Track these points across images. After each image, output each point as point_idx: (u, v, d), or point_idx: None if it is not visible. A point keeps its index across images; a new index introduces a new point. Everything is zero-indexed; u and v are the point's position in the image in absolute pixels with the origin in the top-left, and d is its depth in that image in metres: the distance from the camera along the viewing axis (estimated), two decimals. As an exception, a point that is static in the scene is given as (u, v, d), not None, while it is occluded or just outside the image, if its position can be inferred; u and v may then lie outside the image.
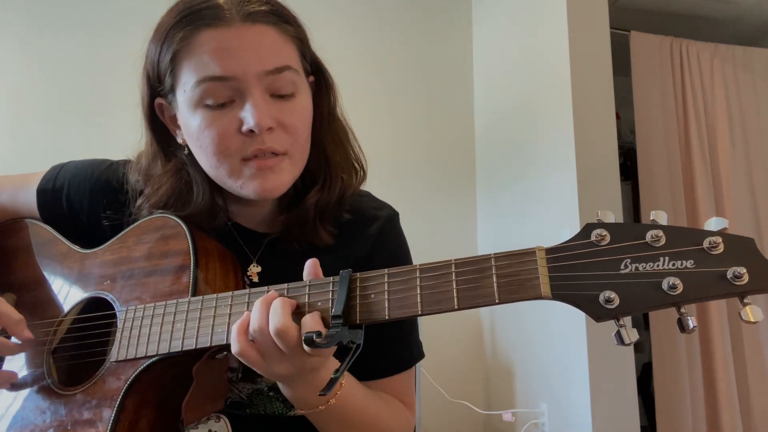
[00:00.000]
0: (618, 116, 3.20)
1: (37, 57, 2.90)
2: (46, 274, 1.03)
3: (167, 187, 0.93)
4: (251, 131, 0.83)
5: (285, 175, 0.88)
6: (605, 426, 2.24)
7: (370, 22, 3.27)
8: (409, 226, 1.09)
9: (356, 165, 1.02)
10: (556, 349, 2.47)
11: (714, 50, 3.10)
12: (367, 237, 1.01)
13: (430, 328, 2.72)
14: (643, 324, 3.48)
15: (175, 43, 0.85)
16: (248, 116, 0.83)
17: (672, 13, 3.53)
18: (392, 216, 1.06)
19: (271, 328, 0.71)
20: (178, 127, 0.92)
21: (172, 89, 0.88)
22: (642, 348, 3.52)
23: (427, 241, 2.98)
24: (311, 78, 0.96)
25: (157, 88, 0.91)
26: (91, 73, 2.93)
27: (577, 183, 2.36)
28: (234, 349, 0.73)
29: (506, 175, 2.95)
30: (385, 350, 1.00)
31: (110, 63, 2.93)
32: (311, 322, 0.71)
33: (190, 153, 0.92)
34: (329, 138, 0.99)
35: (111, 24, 2.98)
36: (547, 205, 2.57)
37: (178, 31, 0.84)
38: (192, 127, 0.86)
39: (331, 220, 0.99)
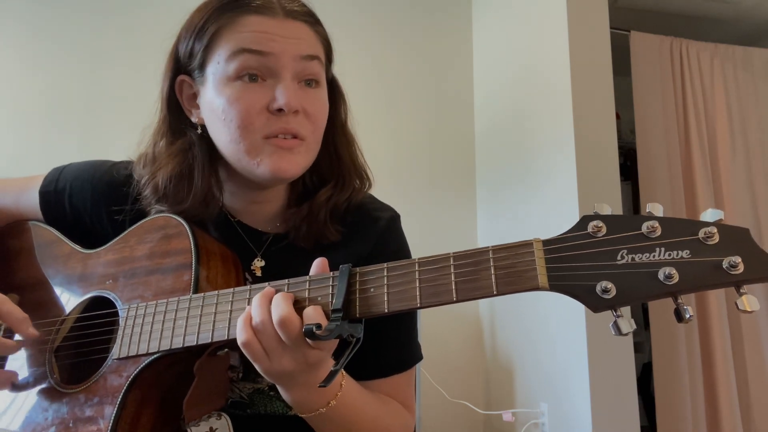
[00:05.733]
0: (618, 116, 3.20)
1: (37, 57, 2.90)
2: (48, 274, 1.04)
3: (170, 168, 0.94)
4: (279, 110, 0.87)
5: (301, 159, 0.92)
6: (605, 426, 2.24)
7: (371, 23, 3.27)
8: (409, 226, 1.10)
9: (363, 173, 1.06)
10: (556, 349, 2.47)
11: (714, 50, 3.11)
12: (369, 238, 1.03)
13: (431, 328, 2.73)
14: (643, 324, 3.48)
15: (221, 20, 0.90)
16: (280, 96, 0.87)
17: (672, 13, 3.53)
18: (394, 217, 1.08)
19: (275, 318, 0.72)
20: (196, 106, 0.96)
21: (202, 65, 0.92)
22: (642, 348, 3.53)
23: (428, 241, 2.98)
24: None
25: (185, 65, 0.95)
26: (91, 74, 2.93)
27: (577, 183, 2.36)
28: (240, 338, 0.74)
29: (506, 175, 2.95)
30: (384, 350, 1.00)
31: (111, 63, 2.93)
32: (313, 314, 0.72)
33: (203, 132, 0.95)
34: (341, 143, 1.03)
35: (112, 23, 2.98)
36: (547, 205, 2.57)
37: (225, 12, 0.91)
38: (218, 102, 0.89)
39: (337, 219, 1.01)
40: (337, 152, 1.02)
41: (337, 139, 1.03)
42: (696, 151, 2.93)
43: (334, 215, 1.00)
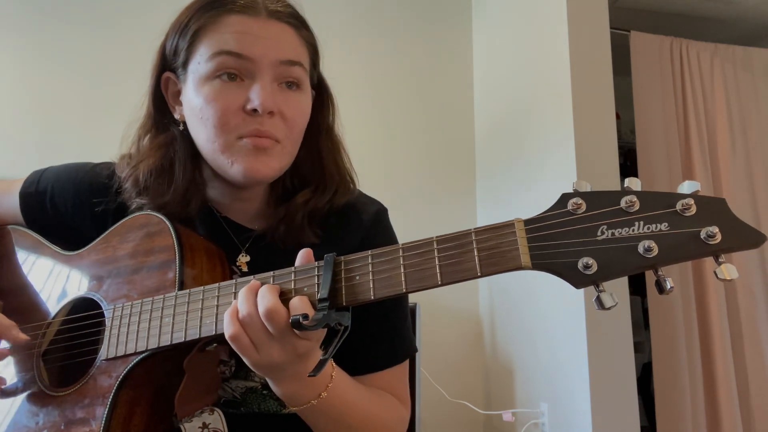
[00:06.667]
0: (618, 116, 3.19)
1: (36, 55, 2.91)
2: (31, 278, 1.04)
3: (151, 162, 0.95)
4: (254, 110, 0.87)
5: (274, 161, 0.91)
6: (605, 426, 2.23)
7: (373, 23, 3.27)
8: (409, 224, 1.10)
9: (347, 178, 1.06)
10: (556, 349, 2.46)
11: (714, 50, 3.10)
12: (357, 232, 1.03)
13: (431, 328, 2.73)
14: (643, 324, 3.48)
15: (202, 19, 0.91)
16: (255, 96, 0.87)
17: (672, 13, 3.53)
18: (380, 211, 1.08)
19: (261, 311, 0.72)
20: (179, 103, 0.96)
21: (185, 63, 0.93)
22: (642, 348, 3.52)
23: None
24: (313, 92, 1.01)
25: (170, 62, 0.96)
26: (90, 72, 2.93)
27: (577, 183, 2.35)
28: (227, 332, 0.74)
29: (506, 175, 2.94)
30: (376, 344, 1.01)
31: (111, 62, 2.94)
32: (299, 304, 0.72)
33: (185, 129, 0.96)
34: (325, 148, 1.03)
35: (113, 21, 2.98)
36: (547, 205, 2.55)
37: (208, 11, 0.91)
38: (196, 101, 0.90)
39: (317, 222, 1.01)
40: (320, 156, 1.02)
41: (321, 143, 1.03)
42: (696, 151, 2.92)
43: (313, 218, 1.00)
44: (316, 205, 1.00)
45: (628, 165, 3.67)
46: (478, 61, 3.34)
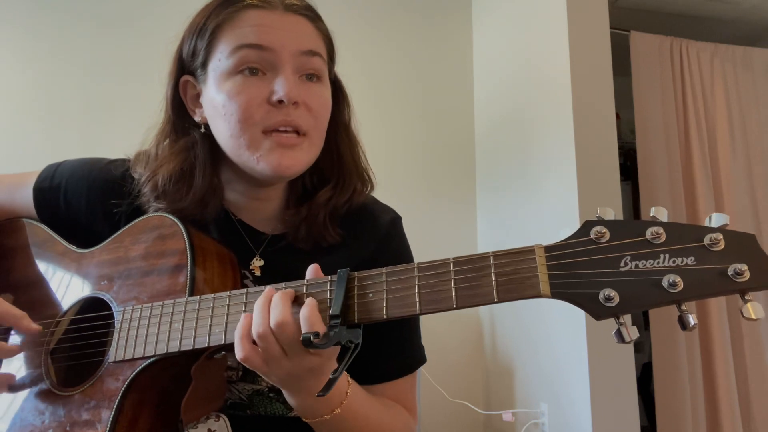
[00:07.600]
0: (618, 116, 3.19)
1: (35, 61, 2.90)
2: (43, 274, 1.03)
3: (171, 166, 0.94)
4: (280, 101, 0.87)
5: (303, 156, 0.91)
6: (605, 426, 2.24)
7: (370, 23, 3.27)
8: (409, 228, 1.10)
9: (365, 175, 1.05)
10: (556, 349, 2.46)
11: (714, 50, 3.10)
12: (371, 239, 1.02)
13: (431, 329, 2.72)
14: (643, 324, 3.48)
15: (220, 17, 0.91)
16: (279, 87, 0.87)
17: (672, 13, 3.53)
18: (396, 219, 1.07)
19: (272, 322, 0.71)
20: (199, 105, 0.96)
21: (205, 63, 0.92)
22: (642, 348, 3.52)
23: (427, 243, 2.97)
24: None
25: (188, 65, 0.96)
26: (93, 70, 2.93)
27: (577, 183, 2.36)
28: (239, 355, 0.73)
29: (506, 175, 2.94)
30: (386, 354, 1.00)
31: (114, 59, 2.93)
32: (310, 316, 0.71)
33: (206, 131, 0.95)
34: (343, 144, 1.03)
35: (117, 19, 2.98)
36: (548, 205, 2.56)
37: (225, 8, 0.91)
38: (219, 98, 0.89)
39: (337, 221, 1.00)
40: (338, 152, 1.02)
41: (339, 139, 1.02)
42: (696, 151, 2.92)
43: (333, 217, 0.99)
44: (337, 203, 0.99)
45: (628, 165, 3.67)
46: (478, 62, 3.33)
